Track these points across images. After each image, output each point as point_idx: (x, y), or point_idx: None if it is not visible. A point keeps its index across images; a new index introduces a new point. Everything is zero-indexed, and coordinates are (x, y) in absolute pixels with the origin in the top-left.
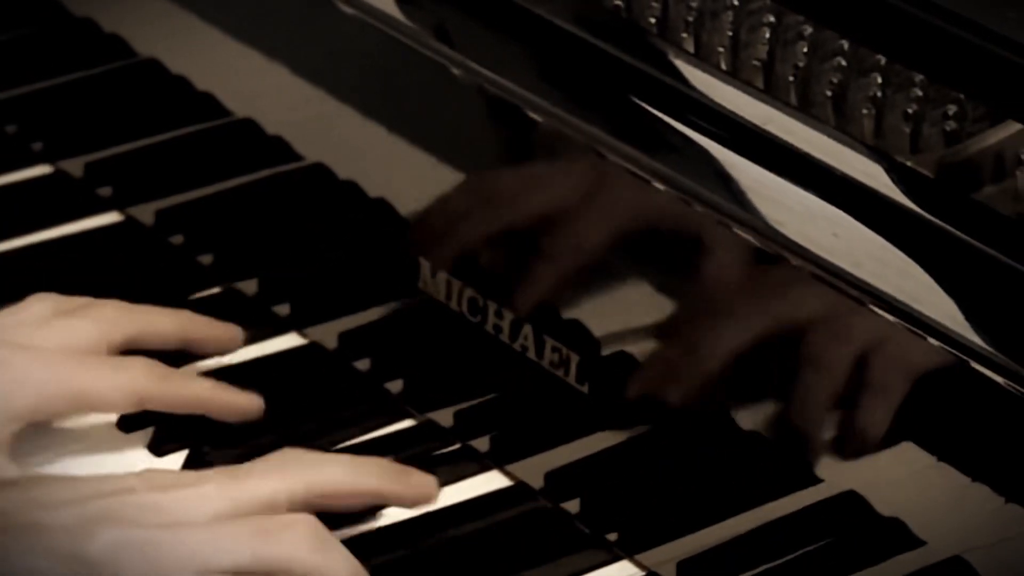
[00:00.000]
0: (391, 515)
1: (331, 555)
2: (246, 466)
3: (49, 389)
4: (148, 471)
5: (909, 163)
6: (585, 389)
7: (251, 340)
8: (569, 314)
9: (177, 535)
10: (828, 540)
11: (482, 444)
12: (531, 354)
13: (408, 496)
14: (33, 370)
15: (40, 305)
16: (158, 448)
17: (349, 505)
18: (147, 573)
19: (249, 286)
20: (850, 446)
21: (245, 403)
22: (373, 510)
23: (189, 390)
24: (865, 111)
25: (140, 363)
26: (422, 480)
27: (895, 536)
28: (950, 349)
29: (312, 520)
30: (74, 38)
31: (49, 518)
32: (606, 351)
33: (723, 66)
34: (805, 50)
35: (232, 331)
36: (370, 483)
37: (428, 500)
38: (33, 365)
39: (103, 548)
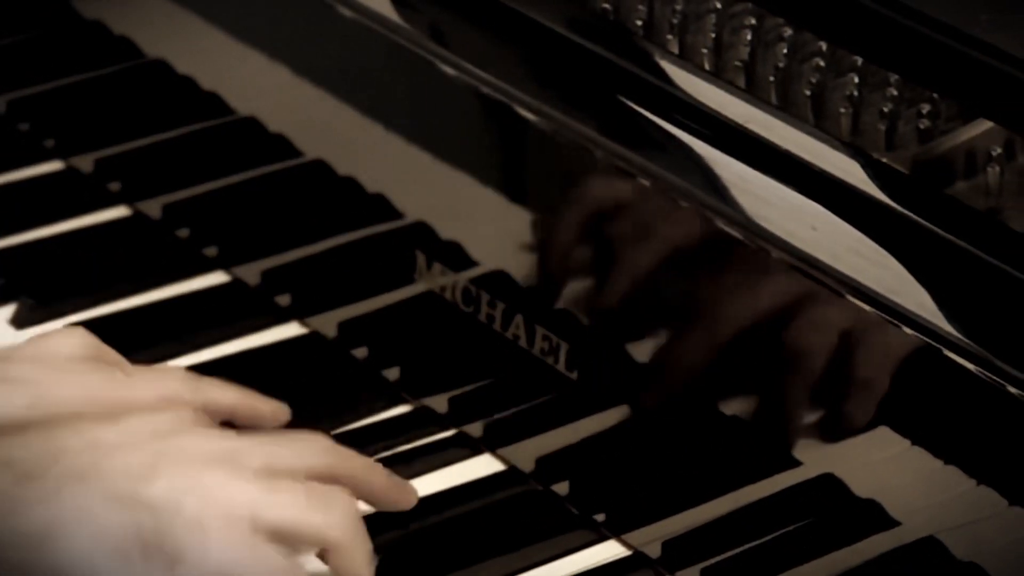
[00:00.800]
0: None
1: (361, 539)
2: (277, 433)
3: (93, 393)
4: (193, 411)
5: (884, 160)
6: (574, 376)
7: (254, 329)
8: (559, 304)
9: (235, 483)
10: (807, 520)
11: (475, 430)
12: (522, 343)
13: (390, 501)
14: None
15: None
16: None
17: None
18: (204, 516)
19: (252, 277)
20: (828, 431)
21: (271, 411)
22: None
23: (222, 399)
24: (842, 110)
25: (174, 373)
26: (408, 491)
27: (871, 516)
28: (924, 338)
29: (355, 502)
30: (85, 40)
31: (108, 462)
32: (594, 340)
33: (706, 66)
34: (785, 51)
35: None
36: (377, 483)
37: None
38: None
39: (164, 491)
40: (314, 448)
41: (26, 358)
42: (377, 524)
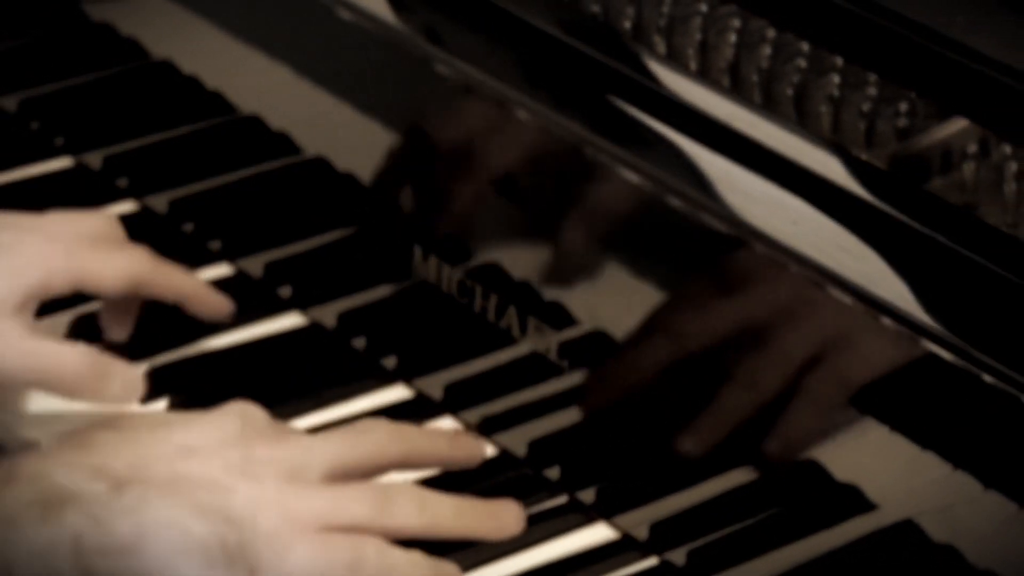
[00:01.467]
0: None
1: (441, 507)
2: (341, 430)
3: (55, 265)
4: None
5: (864, 156)
6: (565, 365)
7: (256, 320)
8: (550, 296)
9: (304, 495)
10: (789, 503)
11: (470, 416)
12: (515, 332)
13: (459, 463)
14: (42, 248)
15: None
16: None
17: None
18: (277, 530)
19: (255, 269)
20: (811, 419)
21: (218, 304)
22: None
23: (178, 281)
24: (823, 108)
25: (139, 249)
26: (474, 446)
27: (850, 500)
28: (902, 328)
29: (418, 489)
30: (94, 41)
31: (194, 469)
32: (584, 330)
33: (692, 67)
34: (768, 52)
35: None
36: (443, 451)
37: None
38: (42, 244)
39: (241, 504)
40: (377, 439)
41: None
42: None
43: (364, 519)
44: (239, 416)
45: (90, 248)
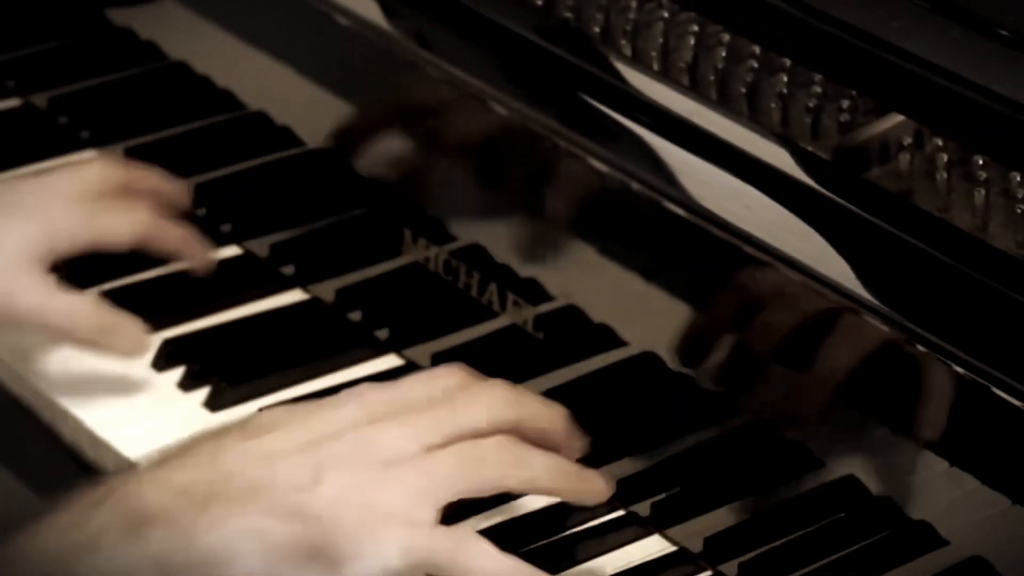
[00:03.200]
0: None
1: (534, 463)
2: (448, 397)
3: (72, 224)
4: (361, 394)
5: (809, 148)
6: (541, 336)
7: (262, 296)
8: (527, 274)
9: (393, 473)
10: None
11: None
12: (495, 307)
13: (570, 447)
14: (58, 208)
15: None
16: (187, 386)
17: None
18: (364, 517)
19: (261, 250)
20: (758, 374)
21: (205, 256)
22: None
23: (174, 234)
24: (773, 105)
25: (142, 205)
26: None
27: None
28: (843, 302)
29: (510, 440)
30: (116, 44)
31: (274, 474)
32: (557, 305)
33: (655, 67)
34: (723, 54)
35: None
36: (558, 429)
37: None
38: (59, 204)
39: (327, 501)
40: (478, 407)
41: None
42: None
43: (459, 488)
44: (313, 417)
45: (103, 209)
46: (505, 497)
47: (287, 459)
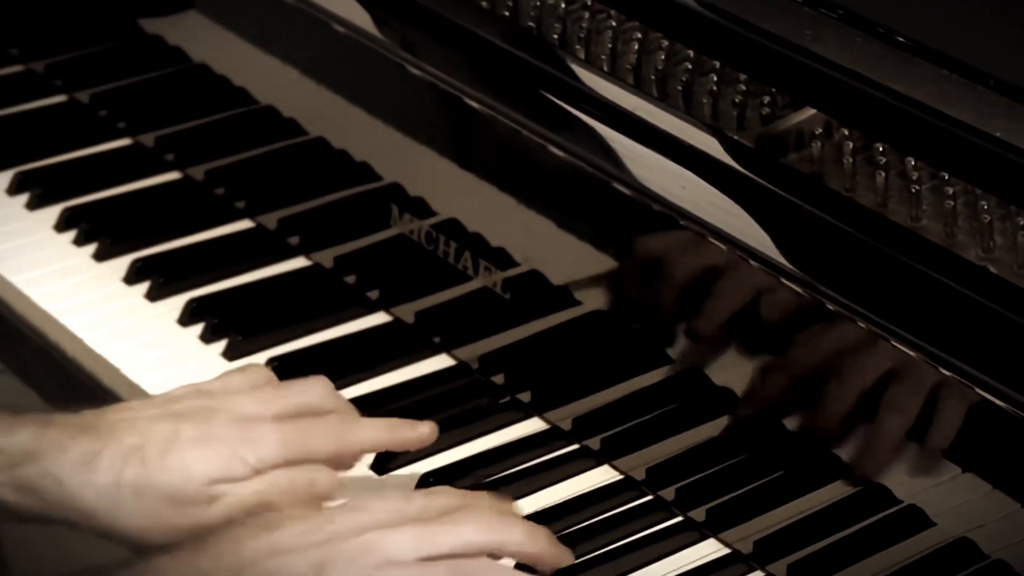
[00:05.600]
0: None
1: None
2: (445, 515)
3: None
4: (367, 503)
5: (736, 137)
6: (508, 297)
7: (271, 262)
8: (496, 243)
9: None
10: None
11: (436, 336)
12: (469, 272)
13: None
14: (273, 430)
15: (256, 374)
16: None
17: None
18: None
19: (270, 224)
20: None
21: (420, 435)
22: None
23: (372, 436)
24: (705, 100)
25: (344, 419)
26: (565, 555)
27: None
28: (765, 268)
29: (496, 565)
30: (147, 49)
31: (285, 568)
32: (522, 270)
33: (605, 68)
34: (663, 57)
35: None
36: (540, 551)
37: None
38: (272, 427)
39: None
40: (478, 524)
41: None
42: None
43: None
44: (321, 519)
45: (311, 425)
46: None
47: (296, 554)
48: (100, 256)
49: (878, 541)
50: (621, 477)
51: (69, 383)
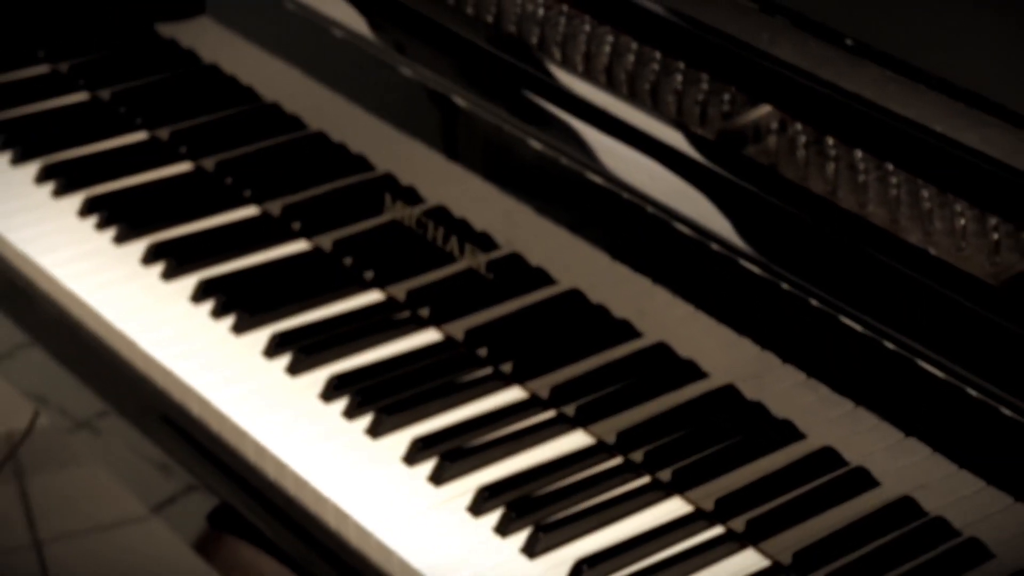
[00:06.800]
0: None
1: None
2: None
3: None
4: None
5: (699, 131)
6: (491, 277)
7: (275, 245)
8: (480, 229)
9: None
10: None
11: (424, 312)
12: (455, 254)
13: None
14: None
15: None
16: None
17: None
18: None
19: (275, 210)
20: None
21: None
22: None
23: None
24: (671, 98)
25: None
26: None
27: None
28: (724, 251)
29: None
30: (163, 51)
31: None
32: (504, 253)
33: (580, 69)
34: (632, 59)
35: None
36: None
37: None
38: None
39: None
40: None
41: None
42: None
43: None
44: None
45: None
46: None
47: None
48: (119, 239)
49: (827, 500)
50: (594, 443)
51: (88, 352)
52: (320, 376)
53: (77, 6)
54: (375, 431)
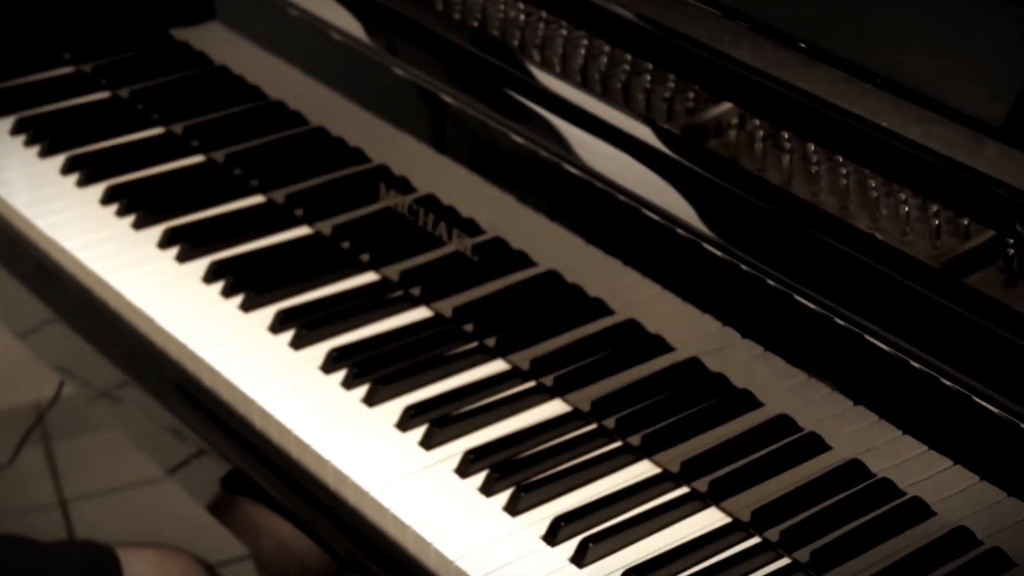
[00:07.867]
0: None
1: None
2: None
3: None
4: None
5: (666, 126)
6: (477, 259)
7: (279, 230)
8: (466, 215)
9: None
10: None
11: (415, 291)
12: (444, 238)
13: None
14: None
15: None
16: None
17: None
18: None
19: (279, 198)
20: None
21: None
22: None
23: None
24: (640, 96)
25: None
26: None
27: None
28: (689, 235)
29: None
30: (177, 53)
31: None
32: (488, 237)
33: (557, 69)
34: (605, 60)
35: None
36: None
37: None
38: None
39: None
40: None
41: None
42: None
43: None
44: None
45: None
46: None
47: None
48: (138, 225)
49: (782, 463)
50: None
51: (109, 328)
52: (321, 350)
53: (99, 13)
54: (371, 400)
